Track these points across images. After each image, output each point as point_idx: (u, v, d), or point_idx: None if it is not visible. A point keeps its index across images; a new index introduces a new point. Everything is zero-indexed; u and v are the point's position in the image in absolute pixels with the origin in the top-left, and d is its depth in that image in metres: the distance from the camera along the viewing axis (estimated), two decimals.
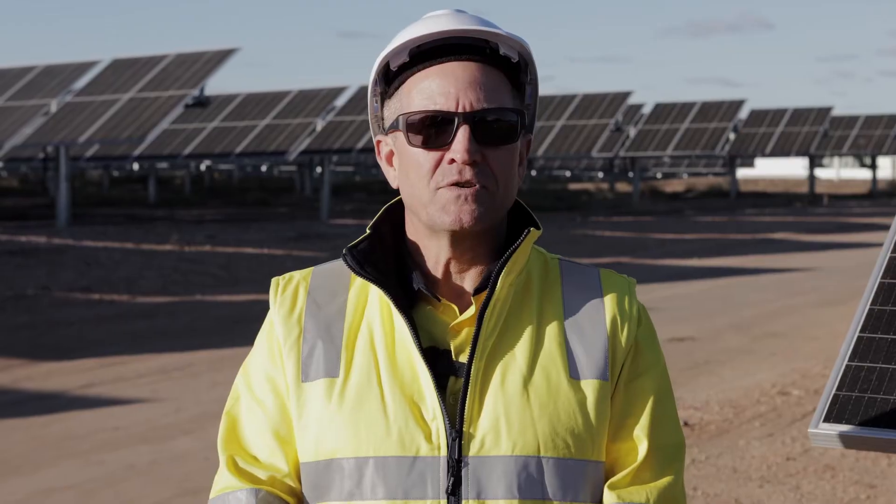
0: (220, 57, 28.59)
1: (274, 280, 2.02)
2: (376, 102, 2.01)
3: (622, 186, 56.86)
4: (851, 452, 7.30)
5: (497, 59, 1.93)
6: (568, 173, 71.64)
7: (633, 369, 1.95)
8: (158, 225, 26.95)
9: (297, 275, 2.02)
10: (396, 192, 2.00)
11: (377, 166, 62.12)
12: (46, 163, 33.09)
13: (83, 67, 29.78)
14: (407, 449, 1.84)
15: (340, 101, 35.62)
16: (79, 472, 7.03)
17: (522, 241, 1.92)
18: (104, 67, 29.86)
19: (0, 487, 6.76)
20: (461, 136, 1.88)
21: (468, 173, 1.88)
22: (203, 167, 55.72)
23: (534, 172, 60.03)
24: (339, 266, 2.01)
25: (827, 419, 2.17)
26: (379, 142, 2.02)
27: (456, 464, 1.83)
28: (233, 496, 1.92)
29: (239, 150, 34.82)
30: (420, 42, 1.92)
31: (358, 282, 1.97)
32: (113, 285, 16.01)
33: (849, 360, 2.24)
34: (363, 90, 35.27)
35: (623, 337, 1.94)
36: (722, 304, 14.84)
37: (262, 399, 1.95)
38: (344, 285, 1.98)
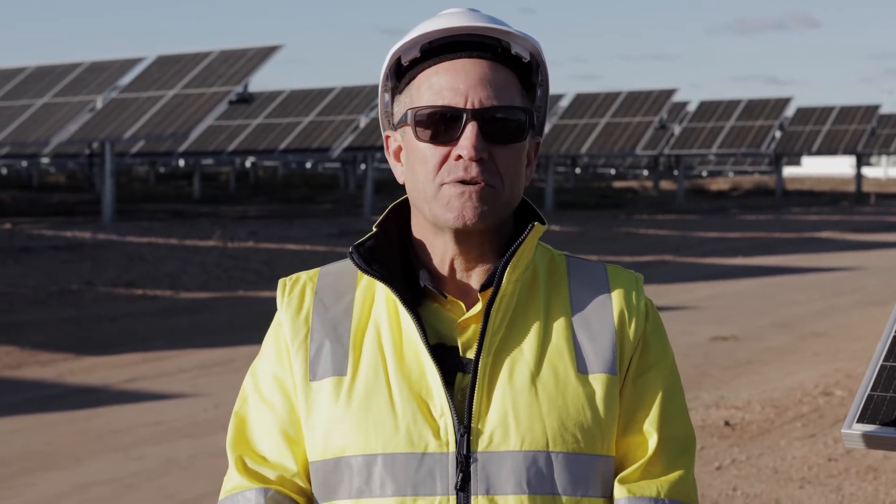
0: (264, 54, 28.69)
1: (281, 281, 2.03)
2: (387, 97, 2.01)
3: (667, 184, 56.61)
4: (892, 453, 7.23)
5: (508, 59, 1.93)
6: (612, 171, 71.42)
7: (642, 363, 1.94)
8: (202, 221, 27.10)
9: (303, 275, 2.03)
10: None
11: None
12: (92, 159, 33.29)
13: (128, 64, 29.99)
14: (415, 445, 1.84)
15: None
16: (119, 466, 7.07)
17: (527, 235, 1.91)
18: (149, 64, 30.06)
19: (42, 480, 6.81)
20: (469, 133, 1.87)
21: (474, 170, 1.87)
22: (248, 164, 55.94)
23: (578, 170, 59.83)
24: (345, 265, 2.01)
25: (861, 420, 2.14)
26: (388, 137, 2.02)
27: (465, 459, 1.83)
28: (242, 496, 1.92)
29: (283, 146, 34.94)
30: (431, 38, 1.92)
31: (364, 280, 1.97)
32: (156, 281, 16.10)
33: (884, 360, 2.21)
34: None
35: (631, 331, 1.94)
36: (765, 303, 14.74)
37: (270, 399, 1.96)
38: (350, 284, 1.98)
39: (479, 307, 1.90)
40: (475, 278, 1.94)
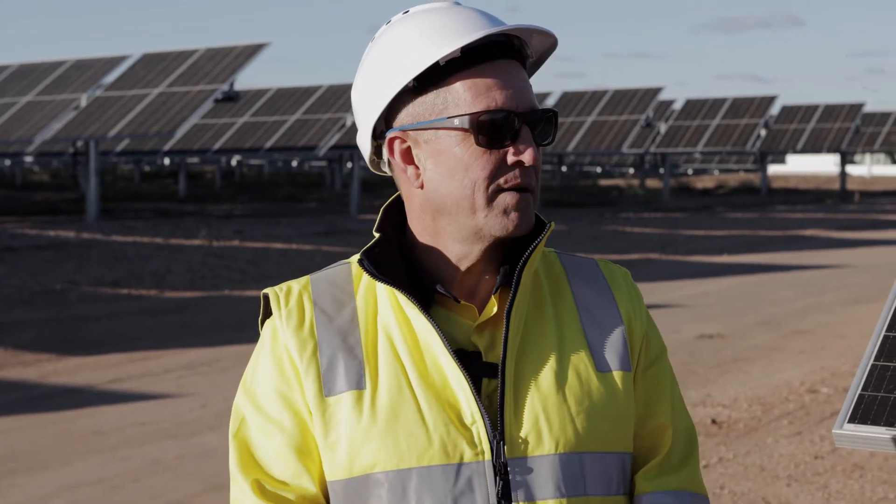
0: (251, 52, 28.63)
1: (272, 291, 1.93)
2: (384, 98, 1.88)
3: (652, 182, 56.68)
4: (881, 452, 7.23)
5: (522, 58, 1.90)
6: (598, 169, 71.48)
7: (647, 357, 1.96)
8: (187, 220, 27.04)
9: (294, 285, 1.93)
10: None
11: None
12: (76, 157, 33.20)
13: (113, 62, 29.89)
14: (451, 456, 1.78)
15: None
16: (105, 467, 7.04)
17: (545, 235, 1.88)
18: (134, 62, 29.98)
19: (28, 482, 6.78)
20: (527, 138, 1.84)
21: (527, 175, 1.85)
22: (233, 162, 55.83)
23: (564, 168, 59.86)
24: (335, 272, 1.94)
25: (852, 419, 2.13)
26: (394, 139, 1.90)
27: (503, 467, 1.79)
28: None
29: (269, 145, 34.88)
30: (471, 40, 1.83)
31: (362, 287, 1.90)
32: (141, 280, 16.05)
33: (874, 360, 2.20)
34: None
35: (637, 326, 1.95)
36: (751, 300, 14.76)
37: (277, 419, 1.87)
38: (348, 292, 1.91)
39: (494, 309, 1.86)
40: (483, 281, 1.90)
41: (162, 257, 18.43)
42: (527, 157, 1.83)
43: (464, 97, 1.84)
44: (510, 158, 1.83)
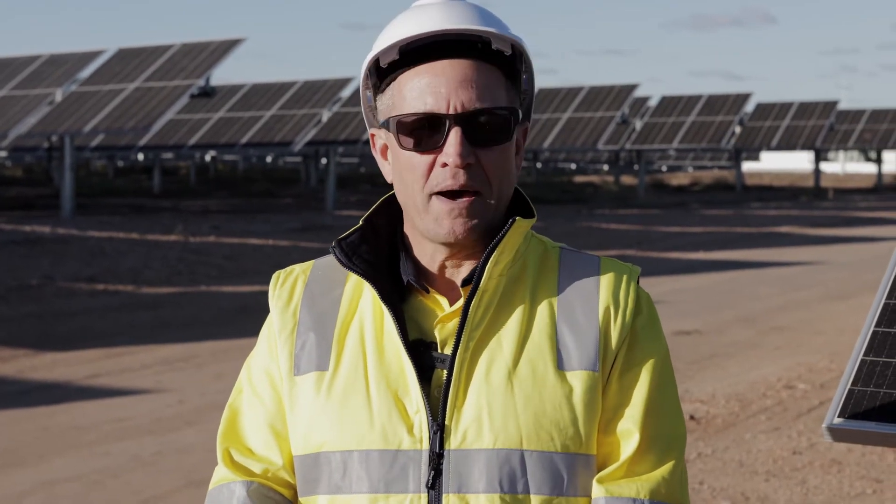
0: (226, 47, 28.54)
1: (276, 273, 2.01)
2: (369, 93, 1.96)
3: (627, 179, 56.79)
4: (858, 447, 7.29)
5: (490, 54, 1.88)
6: (573, 166, 71.56)
7: (629, 359, 1.89)
8: (163, 215, 26.94)
9: (297, 268, 2.01)
10: None
11: None
12: (51, 152, 33.05)
13: (88, 57, 29.75)
14: (389, 442, 1.83)
15: (346, 93, 35.58)
16: (83, 464, 7.02)
17: (507, 231, 1.87)
18: (109, 57, 29.83)
19: (5, 478, 6.75)
20: (453, 139, 1.83)
21: (462, 177, 1.84)
22: (208, 158, 55.66)
23: (539, 165, 59.96)
24: None
25: (842, 414, 2.15)
26: (373, 134, 1.98)
27: (437, 457, 1.82)
28: (226, 488, 1.93)
29: (244, 140, 34.79)
30: (410, 41, 1.86)
31: (354, 276, 1.94)
32: (118, 276, 16.00)
33: (863, 355, 2.22)
34: None
35: (617, 327, 1.88)
36: (727, 297, 14.82)
37: (260, 393, 1.96)
38: (341, 278, 1.96)
39: (460, 303, 1.88)
40: (461, 274, 1.91)
41: (138, 253, 18.36)
42: (450, 158, 1.83)
43: (402, 98, 1.87)
44: (439, 160, 1.84)
